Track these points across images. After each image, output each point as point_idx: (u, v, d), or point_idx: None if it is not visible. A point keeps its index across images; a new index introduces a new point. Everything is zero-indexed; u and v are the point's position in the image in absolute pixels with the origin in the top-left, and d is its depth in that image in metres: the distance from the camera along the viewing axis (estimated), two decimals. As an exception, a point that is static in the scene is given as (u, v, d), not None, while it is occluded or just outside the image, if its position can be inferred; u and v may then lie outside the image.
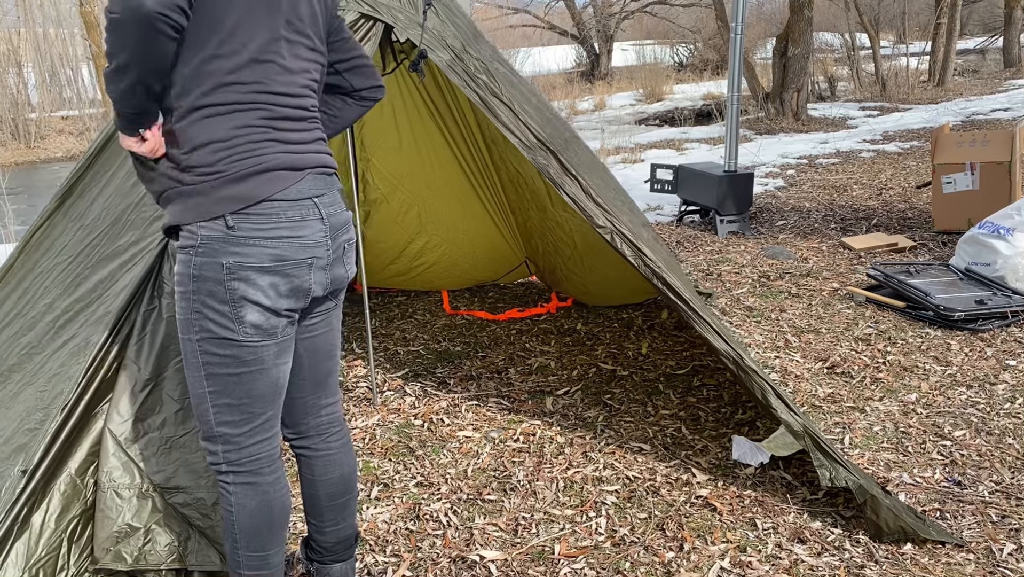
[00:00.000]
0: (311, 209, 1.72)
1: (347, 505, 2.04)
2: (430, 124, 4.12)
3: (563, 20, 24.24)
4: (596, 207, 2.55)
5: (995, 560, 2.17)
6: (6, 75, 11.22)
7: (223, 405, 1.73)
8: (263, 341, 1.70)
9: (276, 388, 1.78)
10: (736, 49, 5.74)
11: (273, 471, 1.82)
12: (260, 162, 1.66)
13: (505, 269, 4.68)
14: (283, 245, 1.67)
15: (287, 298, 1.70)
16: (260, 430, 1.78)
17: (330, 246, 1.77)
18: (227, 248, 1.62)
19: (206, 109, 1.62)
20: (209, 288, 1.64)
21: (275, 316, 1.70)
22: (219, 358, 1.69)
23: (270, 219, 1.65)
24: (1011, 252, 4.00)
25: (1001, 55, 18.24)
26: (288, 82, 1.71)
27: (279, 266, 1.67)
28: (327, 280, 1.79)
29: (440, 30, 2.57)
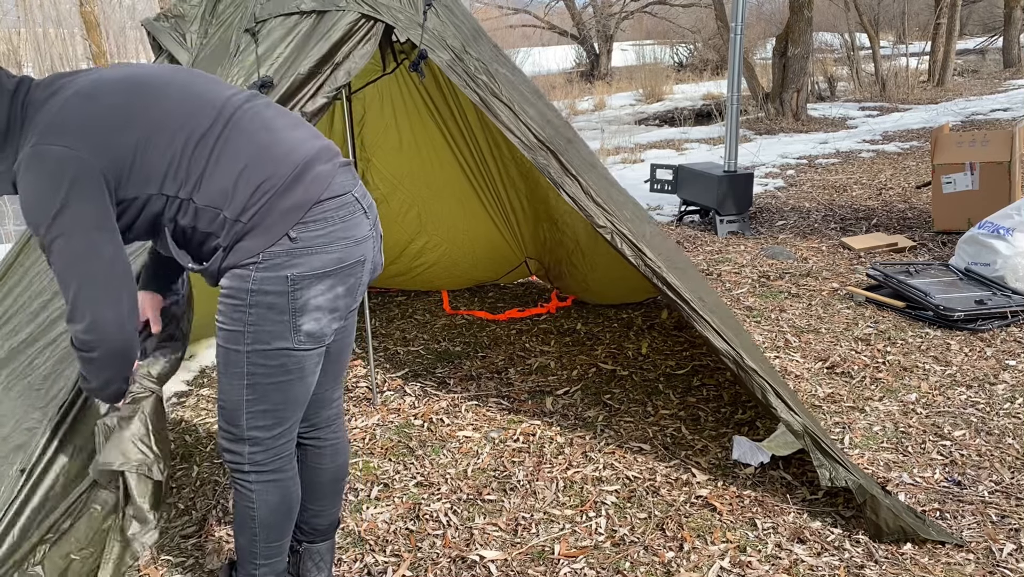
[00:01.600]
0: (354, 205, 1.71)
1: (343, 487, 2.13)
2: (430, 124, 4.12)
3: (563, 20, 24.24)
4: (596, 207, 2.55)
5: (995, 560, 2.18)
6: (6, 75, 11.23)
7: (258, 411, 1.74)
8: (312, 349, 1.72)
9: (309, 393, 1.81)
10: (736, 49, 5.74)
11: (293, 466, 1.86)
12: (295, 162, 1.64)
13: (505, 269, 4.68)
14: (340, 247, 1.67)
15: (344, 298, 1.72)
16: (288, 432, 1.81)
17: (375, 238, 1.79)
18: (290, 261, 1.62)
19: (203, 172, 1.60)
20: (270, 301, 1.63)
21: (330, 322, 1.71)
22: (266, 368, 1.69)
23: (326, 223, 1.65)
24: (1011, 252, 4.00)
25: (1001, 55, 18.24)
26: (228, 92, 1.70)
27: (338, 269, 1.67)
28: (373, 272, 1.82)
29: (440, 30, 2.57)
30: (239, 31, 2.43)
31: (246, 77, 2.34)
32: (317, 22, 2.41)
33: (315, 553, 2.11)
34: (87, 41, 10.50)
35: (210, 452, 2.97)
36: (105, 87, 1.60)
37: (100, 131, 1.55)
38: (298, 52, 2.37)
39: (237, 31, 2.43)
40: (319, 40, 2.36)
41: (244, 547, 1.87)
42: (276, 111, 1.74)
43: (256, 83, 2.29)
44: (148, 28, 2.52)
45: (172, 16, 2.51)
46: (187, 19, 2.50)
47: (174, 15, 2.51)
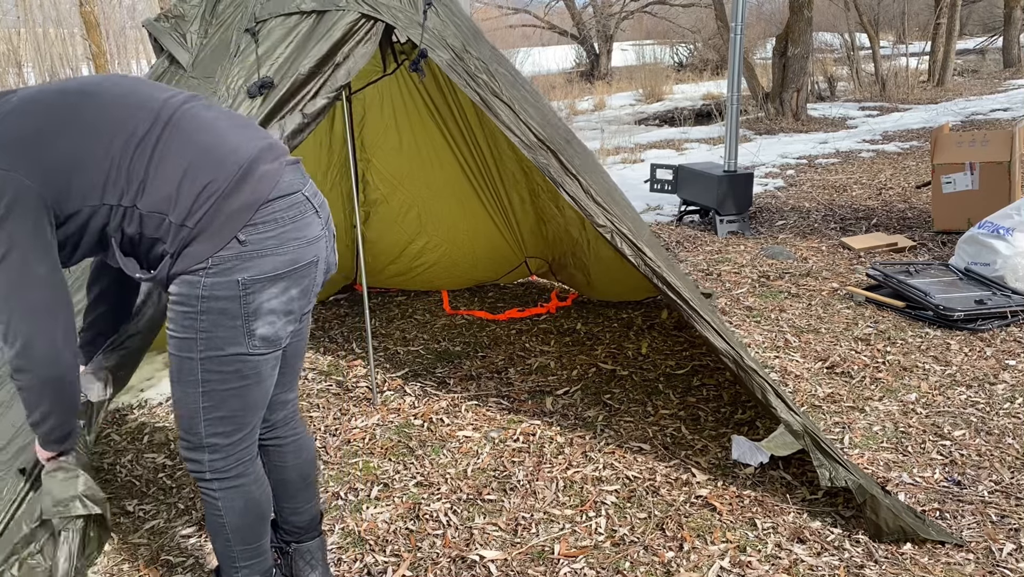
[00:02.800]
0: (305, 204, 1.68)
1: (315, 483, 2.12)
2: (430, 125, 4.13)
3: (563, 20, 24.23)
4: (596, 206, 2.56)
5: (995, 560, 2.18)
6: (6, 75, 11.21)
7: (215, 418, 1.71)
8: (267, 353, 1.69)
9: (267, 397, 1.78)
10: (736, 49, 5.74)
11: (255, 469, 1.84)
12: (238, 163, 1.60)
13: (505, 269, 4.68)
14: (292, 248, 1.64)
15: (299, 300, 1.69)
16: (248, 437, 1.79)
17: (327, 238, 1.75)
18: (241, 264, 1.58)
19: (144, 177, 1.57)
20: (222, 307, 1.60)
21: (285, 325, 1.69)
22: (221, 375, 1.66)
23: (276, 224, 1.62)
24: (1011, 252, 4.00)
25: (1001, 55, 18.24)
26: (164, 95, 1.66)
27: (292, 270, 1.64)
28: (327, 272, 1.78)
29: (440, 30, 2.57)
30: (239, 31, 2.43)
31: (246, 77, 2.34)
32: (317, 22, 2.41)
33: (305, 552, 2.11)
34: (87, 41, 10.50)
35: (210, 452, 2.96)
36: (38, 103, 1.58)
37: (35, 148, 1.53)
38: (298, 52, 2.37)
39: (237, 31, 2.43)
40: (319, 40, 2.36)
41: (221, 552, 1.86)
42: (218, 112, 1.71)
43: (257, 83, 2.29)
44: (149, 29, 2.52)
45: (172, 16, 2.51)
46: (187, 19, 2.50)
47: (174, 15, 2.51)
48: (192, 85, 2.40)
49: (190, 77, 2.42)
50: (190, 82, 2.41)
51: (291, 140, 2.32)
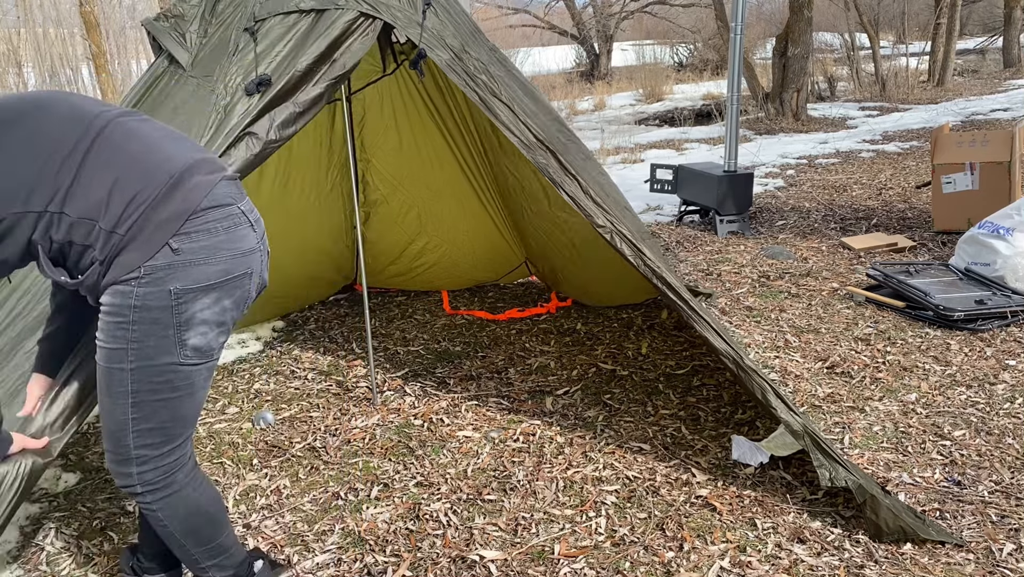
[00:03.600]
0: (240, 217, 1.69)
1: None
2: (430, 125, 4.12)
3: (563, 20, 24.23)
4: (596, 206, 2.55)
5: (995, 560, 2.17)
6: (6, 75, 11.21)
7: (144, 430, 1.69)
8: (200, 364, 1.69)
9: (199, 408, 1.77)
10: (736, 49, 5.74)
11: (187, 475, 1.80)
12: (170, 172, 1.60)
13: (505, 269, 4.68)
14: (225, 259, 1.64)
15: (232, 312, 1.70)
16: (179, 448, 1.77)
17: (262, 251, 1.76)
18: (173, 274, 1.58)
19: (72, 184, 1.56)
20: (154, 316, 1.60)
21: (218, 336, 1.69)
22: (152, 385, 1.65)
23: (210, 234, 1.62)
24: (1011, 252, 4.00)
25: (1001, 55, 18.24)
26: (99, 109, 1.66)
27: (224, 281, 1.65)
28: (260, 288, 1.78)
29: (439, 30, 2.57)
30: (238, 30, 2.43)
31: (244, 75, 2.34)
32: (316, 20, 2.41)
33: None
34: (87, 41, 10.50)
35: (210, 452, 2.97)
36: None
37: None
38: (297, 50, 2.37)
39: (236, 30, 2.43)
40: (318, 38, 2.36)
41: (182, 557, 1.85)
42: (154, 126, 1.72)
43: (255, 81, 2.29)
44: (148, 28, 2.52)
45: (172, 16, 2.51)
46: (187, 19, 2.50)
47: (174, 15, 2.51)
48: (191, 84, 2.40)
49: (189, 76, 2.42)
50: (189, 81, 2.41)
51: (282, 130, 2.31)
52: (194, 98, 2.36)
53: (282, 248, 4.08)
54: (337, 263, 4.52)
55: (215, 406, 3.34)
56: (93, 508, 2.62)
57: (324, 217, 4.25)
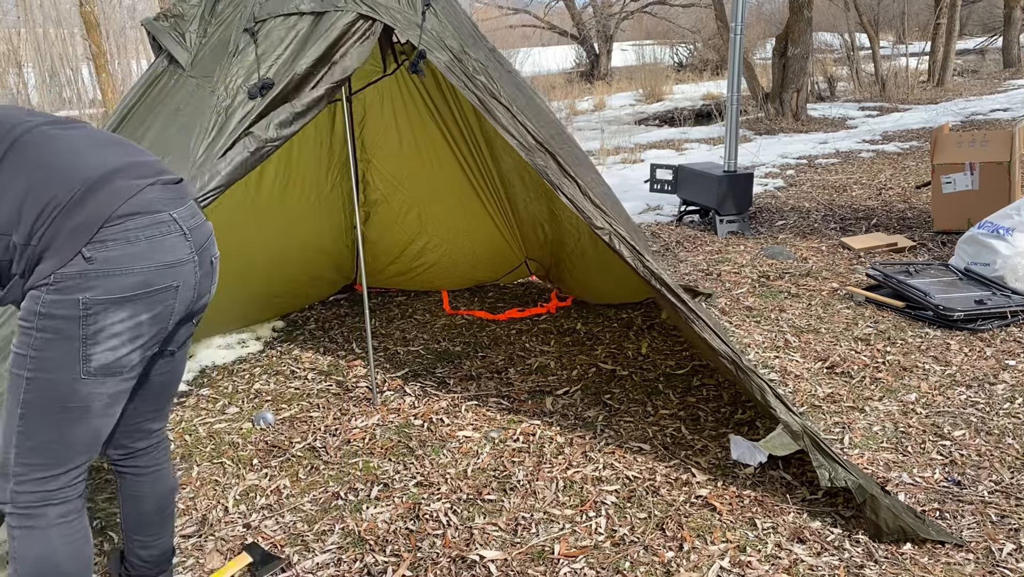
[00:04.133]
0: (169, 225, 1.58)
1: (171, 515, 2.00)
2: (430, 125, 4.13)
3: (563, 20, 24.23)
4: (594, 208, 2.55)
5: (995, 560, 2.18)
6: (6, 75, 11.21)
7: (28, 448, 1.56)
8: (100, 385, 1.56)
9: (94, 439, 1.62)
10: (736, 49, 5.74)
11: (62, 515, 1.62)
12: (85, 179, 1.51)
13: (505, 269, 4.68)
14: (145, 270, 1.52)
15: (150, 327, 1.58)
16: (64, 477, 1.61)
17: (196, 263, 1.63)
18: (84, 283, 1.48)
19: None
20: (57, 326, 1.49)
21: (129, 353, 1.57)
22: (43, 400, 1.54)
23: (128, 243, 1.51)
24: (1010, 252, 4.00)
25: (1000, 55, 18.25)
26: (24, 118, 1.57)
27: (142, 294, 1.53)
28: (192, 300, 1.67)
29: (439, 31, 2.57)
30: (238, 31, 2.43)
31: (246, 76, 2.34)
32: (316, 23, 2.41)
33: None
34: (87, 41, 10.50)
35: (210, 452, 2.97)
36: None
37: None
38: (297, 52, 2.37)
39: (236, 31, 2.43)
40: (317, 40, 2.37)
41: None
42: (82, 133, 1.62)
43: (257, 84, 2.29)
44: (148, 28, 2.52)
45: (172, 16, 2.51)
46: (186, 19, 2.50)
47: (173, 15, 2.51)
48: (191, 84, 2.40)
49: (189, 76, 2.42)
50: (188, 81, 2.41)
51: (279, 130, 2.31)
52: (195, 98, 2.36)
53: (282, 248, 4.09)
54: (337, 263, 4.53)
55: (215, 406, 3.35)
56: (93, 508, 2.62)
57: (324, 217, 4.25)
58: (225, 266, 3.81)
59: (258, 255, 3.96)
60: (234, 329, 4.10)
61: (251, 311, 4.14)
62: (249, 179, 3.75)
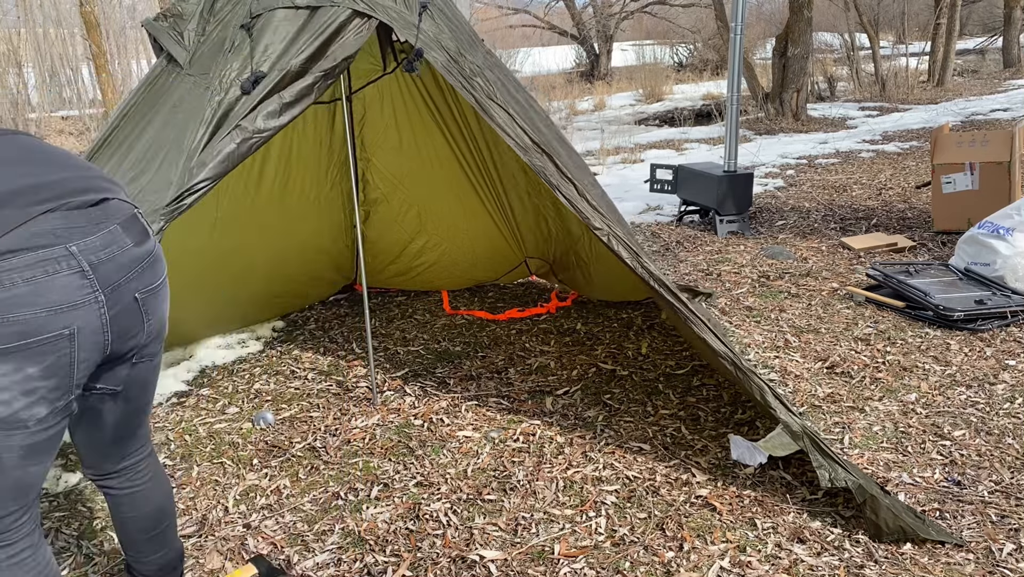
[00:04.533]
0: (62, 261, 1.37)
1: (164, 535, 1.90)
2: (430, 124, 4.13)
3: (563, 20, 24.23)
4: (592, 209, 2.55)
5: (995, 560, 2.17)
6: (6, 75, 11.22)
7: None
8: (6, 438, 1.40)
9: (19, 488, 1.48)
10: (736, 49, 5.74)
11: (11, 556, 1.51)
12: None
13: (505, 269, 4.68)
14: (25, 317, 1.32)
15: (43, 380, 1.38)
16: None
17: (103, 303, 1.43)
18: None
19: None
20: None
21: (28, 407, 1.39)
22: None
23: (1, 287, 1.31)
24: (1011, 252, 4.00)
25: (1000, 55, 18.24)
26: None
27: (23, 345, 1.34)
28: (106, 344, 1.47)
29: (435, 33, 2.57)
30: (235, 28, 2.43)
31: (239, 71, 2.34)
32: (310, 18, 2.41)
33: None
34: (87, 41, 10.50)
35: (210, 452, 2.97)
36: None
37: None
38: (290, 47, 2.37)
39: (233, 28, 2.44)
40: (312, 36, 2.37)
41: None
42: (5, 147, 1.46)
43: (250, 78, 2.29)
44: (148, 28, 2.52)
45: (171, 15, 2.51)
46: (185, 18, 2.50)
47: (173, 14, 2.51)
48: (188, 82, 2.40)
49: (187, 75, 2.42)
50: (186, 79, 2.41)
51: (268, 121, 2.30)
52: (191, 95, 2.36)
53: (282, 248, 4.09)
54: (337, 262, 4.52)
55: (215, 406, 3.35)
56: (93, 508, 2.62)
57: (324, 216, 4.25)
58: (225, 267, 3.82)
59: (258, 255, 3.97)
60: (234, 329, 4.10)
61: (251, 311, 4.14)
62: (249, 179, 3.75)
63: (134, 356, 1.57)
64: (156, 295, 1.55)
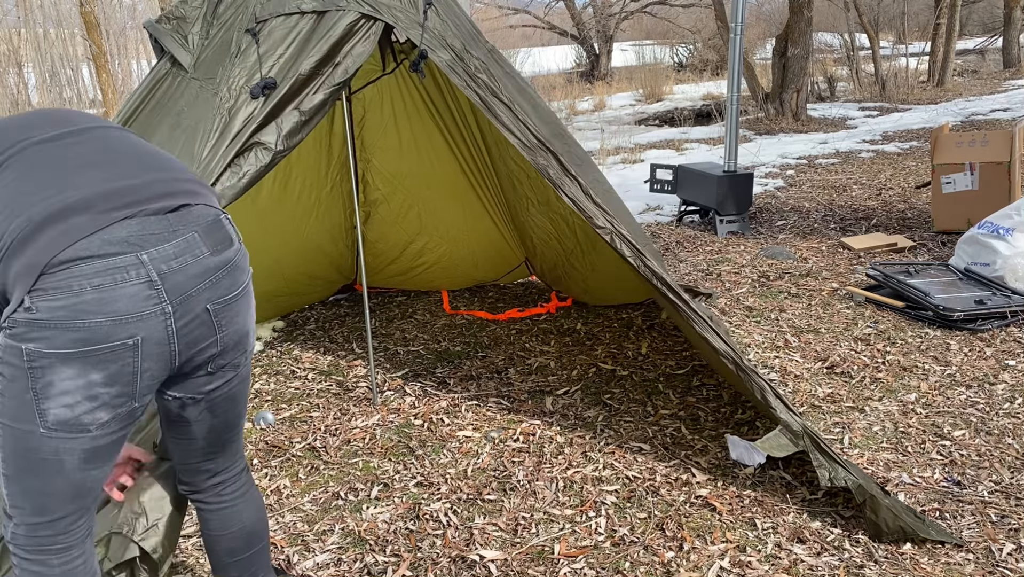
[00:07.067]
0: (131, 270, 1.35)
1: (253, 560, 1.84)
2: (430, 124, 4.13)
3: (563, 20, 24.23)
4: (596, 207, 2.56)
5: (994, 560, 2.18)
6: (6, 75, 11.22)
7: (16, 491, 1.45)
8: (69, 440, 1.40)
9: (79, 491, 1.48)
10: (736, 49, 5.74)
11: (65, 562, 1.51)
12: (33, 217, 1.33)
13: (505, 269, 4.68)
14: (90, 325, 1.32)
15: (106, 387, 1.38)
16: (53, 525, 1.48)
17: (170, 314, 1.40)
18: (29, 332, 1.32)
19: None
20: (12, 373, 1.36)
21: (91, 411, 1.39)
22: (17, 446, 1.41)
23: (70, 293, 1.31)
24: (1010, 252, 4.00)
25: (1000, 55, 18.24)
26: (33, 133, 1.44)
27: (87, 352, 1.34)
28: (174, 355, 1.45)
29: (441, 30, 2.58)
30: (240, 31, 2.43)
31: (247, 77, 2.34)
32: (317, 22, 2.42)
33: None
34: (87, 41, 10.50)
35: (210, 452, 2.97)
36: None
37: None
38: (299, 52, 2.37)
39: (238, 32, 2.44)
40: (320, 40, 2.37)
41: None
42: (79, 151, 1.45)
43: (259, 84, 2.29)
44: (150, 30, 2.52)
45: (174, 18, 2.51)
46: (188, 20, 2.50)
47: (176, 16, 2.51)
48: (194, 86, 2.40)
49: (192, 79, 2.42)
50: (192, 84, 2.41)
51: (289, 139, 2.32)
52: (198, 101, 2.36)
53: (282, 248, 4.09)
54: (337, 263, 4.53)
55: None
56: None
57: (324, 217, 4.25)
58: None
59: (258, 255, 3.97)
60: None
61: (251, 311, 4.14)
62: (249, 179, 3.75)
63: (211, 365, 1.54)
64: (231, 306, 1.51)
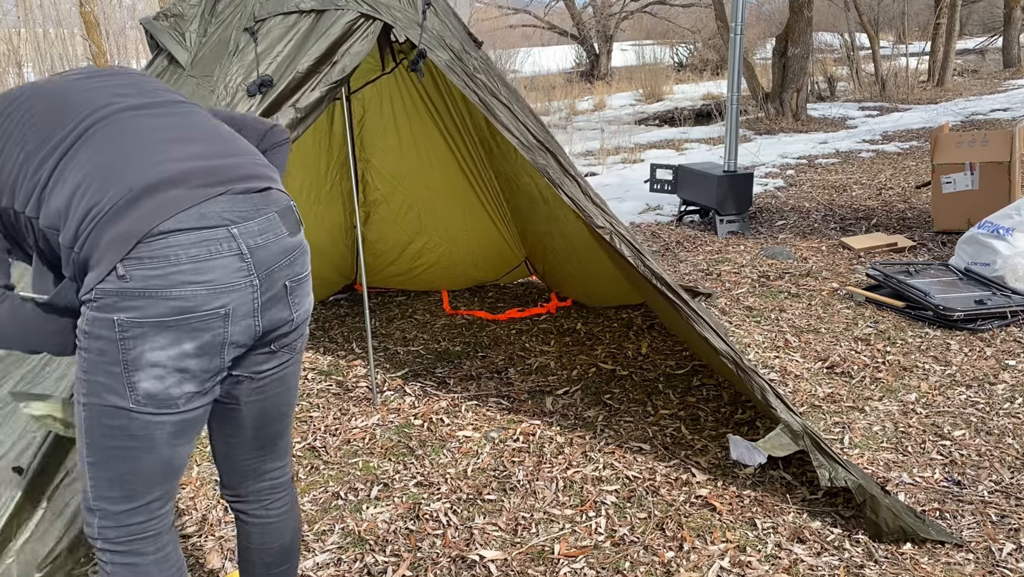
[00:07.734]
0: (224, 244, 1.39)
1: (286, 574, 1.82)
2: (429, 124, 4.12)
3: (563, 20, 24.23)
4: (595, 207, 2.56)
5: (994, 560, 2.18)
6: (6, 75, 11.22)
7: (103, 479, 1.45)
8: (158, 415, 1.42)
9: (168, 469, 1.49)
10: (736, 49, 5.74)
11: (159, 548, 1.52)
12: (132, 185, 1.36)
13: (505, 269, 4.67)
14: (185, 294, 1.35)
15: (196, 358, 1.41)
16: (144, 510, 1.49)
17: (257, 287, 1.44)
18: (120, 302, 1.33)
19: (44, 187, 1.39)
20: (101, 347, 1.36)
21: (179, 383, 1.41)
22: (104, 428, 1.41)
23: (167, 262, 1.34)
24: (1010, 252, 4.00)
25: (1001, 55, 18.24)
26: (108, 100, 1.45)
27: (181, 320, 1.36)
28: (256, 329, 1.48)
29: (439, 30, 2.57)
30: (238, 30, 2.43)
31: (245, 75, 2.34)
32: (316, 21, 2.41)
33: None
34: (87, 41, 10.50)
35: (210, 452, 2.96)
36: (6, 96, 1.46)
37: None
38: (297, 50, 2.37)
39: (236, 30, 2.43)
40: (318, 39, 2.37)
41: None
42: (170, 122, 1.48)
43: (256, 82, 2.29)
44: (147, 27, 2.52)
45: (171, 15, 2.51)
46: (186, 18, 2.50)
47: (173, 14, 2.51)
48: (191, 84, 2.40)
49: (189, 76, 2.42)
50: (189, 81, 2.41)
51: None
52: (195, 98, 2.36)
53: (282, 248, 4.08)
54: (337, 263, 4.53)
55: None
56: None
57: (324, 217, 4.25)
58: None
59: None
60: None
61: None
62: (249, 179, 3.74)
63: (274, 344, 1.56)
64: (303, 285, 1.56)
